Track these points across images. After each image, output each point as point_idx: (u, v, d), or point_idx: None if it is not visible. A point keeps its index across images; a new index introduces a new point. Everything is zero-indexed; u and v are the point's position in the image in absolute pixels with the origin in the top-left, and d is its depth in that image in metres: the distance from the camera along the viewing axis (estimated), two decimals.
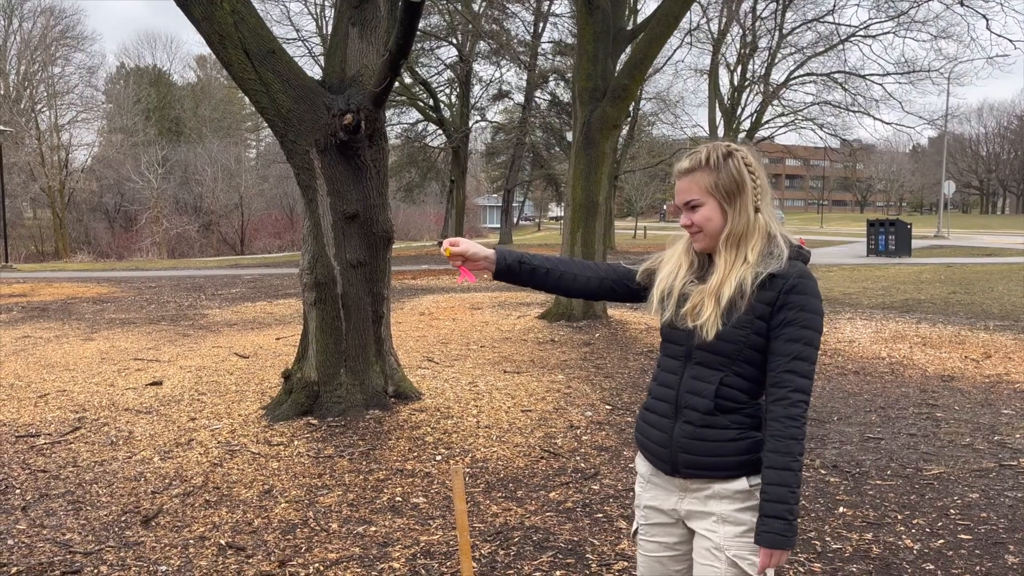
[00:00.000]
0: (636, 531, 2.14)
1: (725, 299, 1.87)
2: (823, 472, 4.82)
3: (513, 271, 2.14)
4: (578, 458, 5.13)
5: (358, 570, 3.58)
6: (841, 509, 4.22)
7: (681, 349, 1.97)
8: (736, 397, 1.91)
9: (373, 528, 4.04)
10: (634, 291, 2.17)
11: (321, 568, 3.61)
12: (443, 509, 4.29)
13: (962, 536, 3.86)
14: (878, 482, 4.63)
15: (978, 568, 3.52)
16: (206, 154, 45.05)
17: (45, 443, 5.55)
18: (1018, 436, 5.49)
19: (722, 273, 1.89)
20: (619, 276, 2.18)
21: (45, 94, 45.82)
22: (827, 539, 3.84)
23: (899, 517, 4.10)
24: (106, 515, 4.26)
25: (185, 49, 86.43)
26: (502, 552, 3.76)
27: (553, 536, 3.93)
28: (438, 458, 5.10)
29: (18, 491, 4.63)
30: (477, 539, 3.92)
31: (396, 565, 3.63)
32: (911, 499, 4.36)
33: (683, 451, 1.95)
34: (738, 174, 1.91)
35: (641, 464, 2.12)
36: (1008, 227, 50.32)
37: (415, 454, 5.16)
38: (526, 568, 3.58)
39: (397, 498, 4.44)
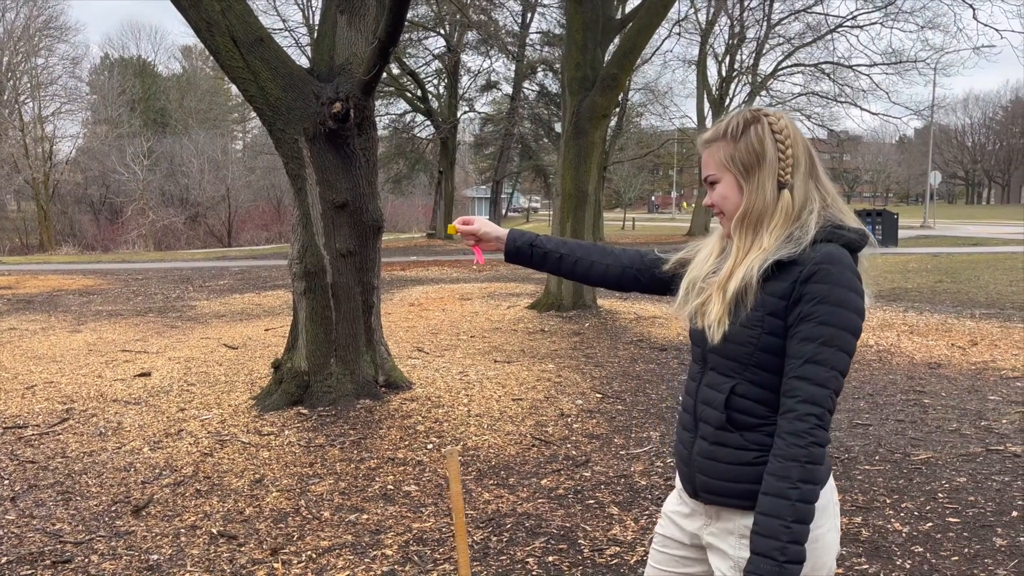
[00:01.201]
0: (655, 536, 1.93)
1: (731, 293, 1.61)
2: None
3: (524, 254, 1.99)
4: (569, 446, 5.14)
5: (351, 557, 3.58)
6: None
7: (700, 352, 1.74)
8: (753, 410, 1.62)
9: (365, 516, 4.04)
10: (662, 281, 1.95)
11: (313, 556, 3.61)
12: (435, 497, 4.29)
13: (950, 519, 3.89)
14: (867, 467, 4.67)
15: (966, 550, 3.55)
16: (192, 145, 44.71)
17: (33, 434, 5.51)
18: (1004, 422, 5.55)
19: (733, 262, 1.65)
20: (646, 265, 1.96)
21: (29, 85, 45.31)
22: None
23: (888, 501, 4.14)
24: (96, 505, 4.24)
25: (170, 40, 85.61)
26: (495, 539, 3.76)
27: (545, 522, 3.94)
28: (429, 446, 5.10)
29: (7, 482, 4.61)
30: (469, 526, 3.92)
31: (389, 552, 3.63)
32: (900, 483, 4.39)
33: (699, 471, 1.71)
34: (759, 143, 1.64)
35: (677, 476, 1.88)
36: (993, 217, 50.68)
37: (406, 443, 5.16)
38: (519, 554, 3.60)
39: (389, 486, 4.44)
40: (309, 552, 3.64)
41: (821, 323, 1.52)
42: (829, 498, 1.67)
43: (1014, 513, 3.94)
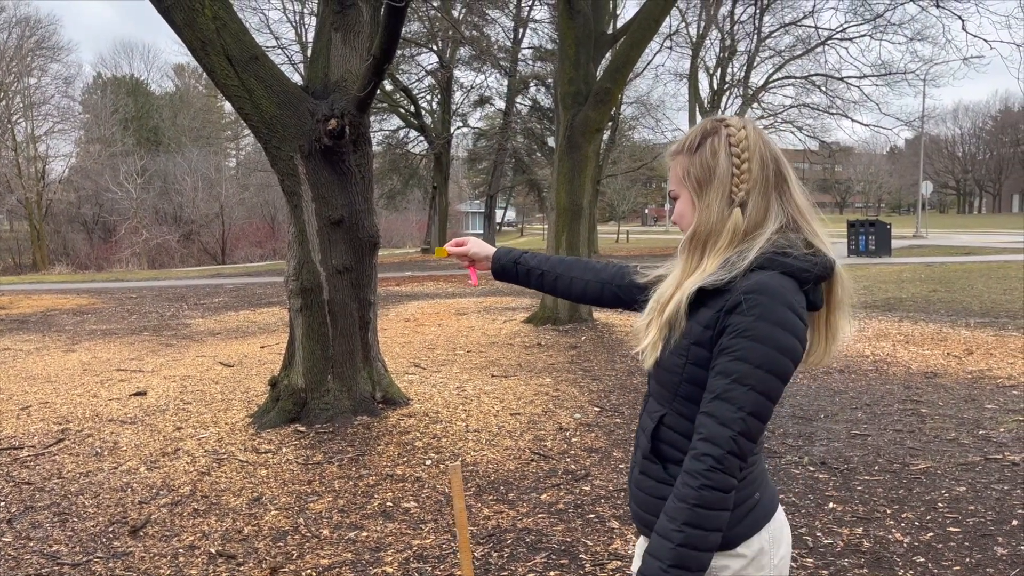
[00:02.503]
0: None
1: (665, 317, 1.52)
2: (811, 469, 4.84)
3: (509, 272, 1.97)
4: (568, 460, 5.13)
5: (351, 575, 3.56)
6: (831, 505, 4.25)
7: (648, 375, 1.65)
8: (678, 443, 1.53)
9: (365, 533, 4.02)
10: (640, 301, 1.80)
11: (313, 574, 3.58)
12: (435, 513, 4.27)
13: (951, 529, 3.89)
14: (866, 477, 4.66)
15: (968, 560, 3.55)
16: (185, 163, 44.74)
17: (29, 455, 5.48)
18: (1002, 430, 5.55)
19: (675, 285, 1.55)
20: (625, 281, 1.86)
21: (21, 105, 45.34)
22: (818, 534, 3.86)
23: (888, 511, 4.13)
24: (93, 526, 4.21)
25: (163, 58, 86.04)
26: (495, 554, 3.75)
27: (546, 537, 3.92)
28: (428, 462, 5.08)
29: (3, 504, 4.57)
30: (470, 542, 3.90)
31: (389, 569, 3.61)
32: (899, 493, 4.39)
33: (631, 499, 1.64)
34: (712, 157, 1.52)
35: None
36: (985, 226, 50.93)
37: (405, 459, 5.14)
38: (520, 569, 3.58)
39: (388, 503, 4.42)
40: (309, 571, 3.61)
41: (737, 358, 1.40)
42: (761, 548, 1.54)
43: (1014, 522, 3.94)
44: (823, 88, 33.72)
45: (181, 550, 3.88)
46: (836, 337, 1.61)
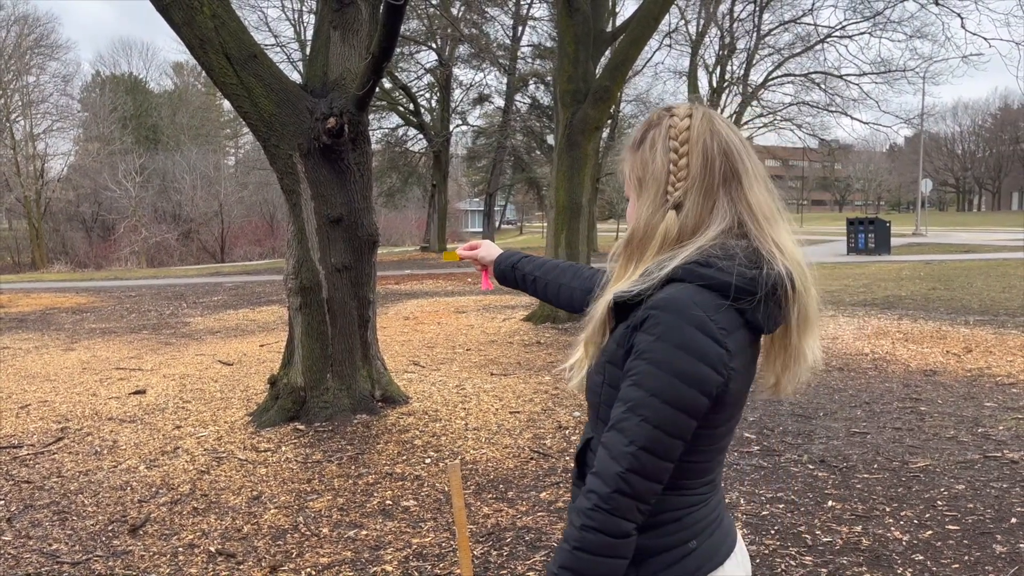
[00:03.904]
0: None
1: (587, 332, 1.40)
2: (811, 467, 4.85)
3: (508, 277, 1.92)
4: (568, 458, 5.13)
5: (350, 574, 3.56)
6: (830, 503, 4.25)
7: None
8: None
9: (364, 532, 4.02)
10: None
11: (313, 573, 3.58)
12: (434, 511, 4.27)
13: (950, 527, 3.90)
14: (865, 476, 4.67)
15: (967, 558, 3.55)
16: (184, 162, 44.71)
17: (28, 454, 5.48)
18: (1001, 428, 5.56)
19: (605, 297, 1.38)
20: None
21: (20, 103, 45.25)
22: (817, 532, 3.87)
23: (887, 509, 4.14)
24: (93, 525, 4.21)
25: (161, 56, 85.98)
26: (495, 553, 3.75)
27: (545, 536, 3.93)
28: (427, 461, 5.08)
29: (2, 503, 4.57)
30: (469, 541, 3.90)
31: (389, 568, 3.61)
32: (898, 492, 4.39)
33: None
34: (650, 152, 1.36)
35: None
36: (984, 224, 50.95)
37: (404, 457, 5.14)
38: (519, 568, 3.58)
39: (387, 501, 4.42)
40: (308, 569, 3.62)
41: (635, 383, 1.23)
42: None
43: (1013, 520, 3.94)
44: (822, 86, 33.75)
45: (181, 549, 3.88)
46: (798, 363, 1.38)
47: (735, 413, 1.36)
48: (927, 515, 4.05)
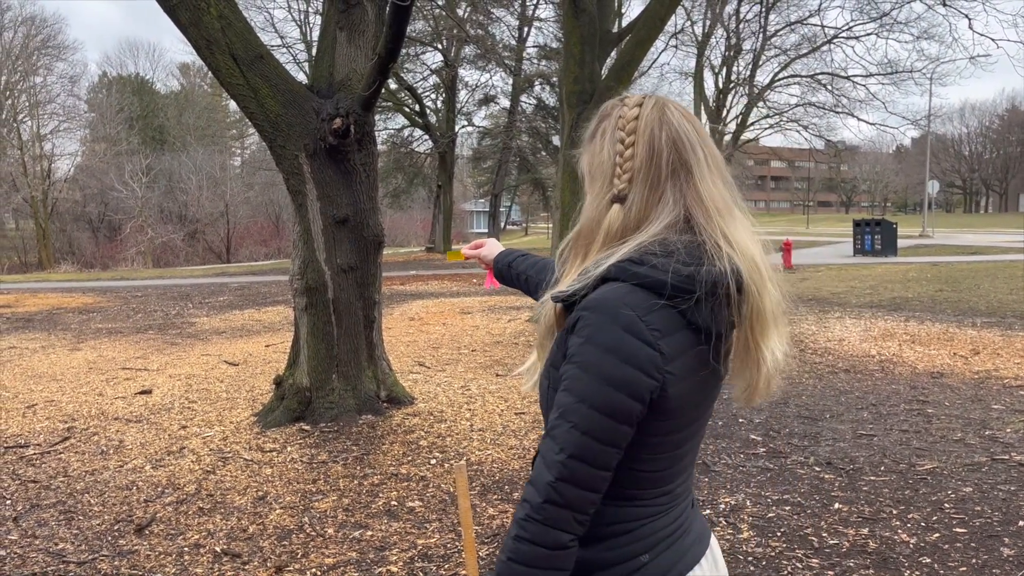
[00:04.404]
0: None
1: (539, 335, 1.34)
2: (817, 469, 4.83)
3: (504, 276, 1.90)
4: None
5: (356, 574, 3.56)
6: (836, 505, 4.23)
7: None
8: None
9: (369, 532, 4.02)
10: None
11: (318, 573, 3.58)
12: (439, 512, 4.27)
13: (957, 530, 3.88)
14: (872, 478, 4.65)
15: (974, 561, 3.54)
16: (190, 162, 44.84)
17: (35, 453, 5.49)
18: (1009, 430, 5.53)
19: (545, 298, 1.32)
20: None
21: (27, 104, 45.46)
22: (824, 535, 3.85)
23: (894, 512, 4.12)
24: (99, 524, 4.22)
25: (168, 57, 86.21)
26: None
27: None
28: (432, 462, 5.08)
29: (9, 502, 4.58)
30: (475, 541, 3.90)
31: (394, 569, 3.61)
32: (905, 494, 4.38)
33: None
34: (600, 143, 1.30)
35: None
36: (991, 225, 50.78)
37: (409, 458, 5.14)
38: None
39: (393, 502, 4.42)
40: (314, 570, 3.62)
41: (565, 388, 1.17)
42: None
43: (1021, 523, 3.92)
44: (829, 87, 33.67)
45: (186, 549, 3.89)
46: (759, 368, 1.27)
47: (688, 422, 1.26)
48: (934, 518, 4.03)
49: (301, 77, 23.66)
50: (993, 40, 21.89)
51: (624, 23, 23.28)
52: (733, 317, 1.22)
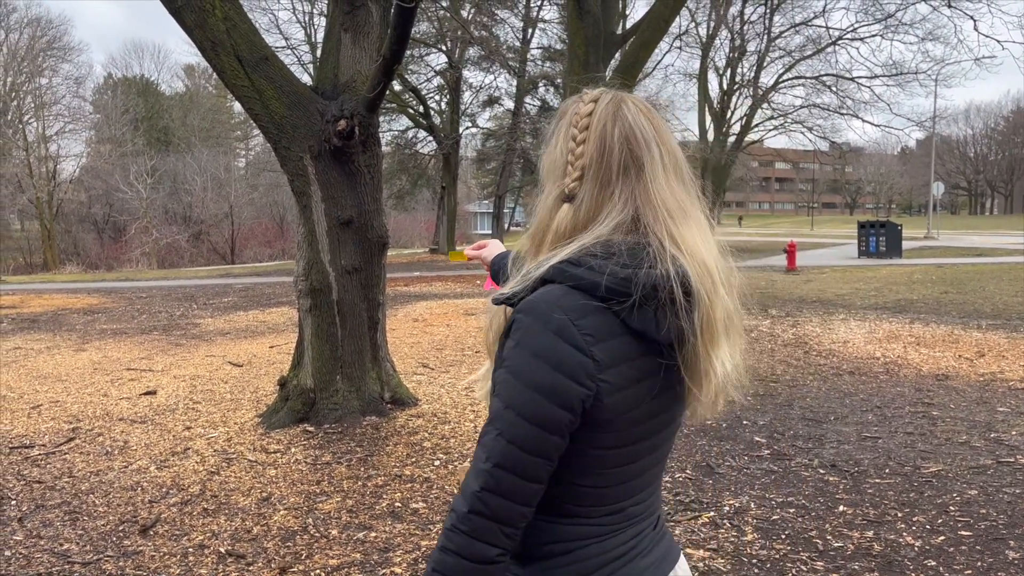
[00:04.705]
0: None
1: (488, 339, 1.27)
2: (822, 471, 4.82)
3: (500, 277, 1.88)
4: None
5: (360, 575, 3.56)
6: (841, 508, 4.22)
7: None
8: None
9: (373, 534, 4.02)
10: None
11: (322, 574, 3.58)
12: (444, 514, 4.27)
13: (962, 533, 3.87)
14: (877, 480, 4.64)
15: (979, 564, 3.52)
16: (195, 163, 44.96)
17: (40, 454, 5.50)
18: (1014, 433, 5.52)
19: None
20: None
21: (32, 105, 45.63)
22: (828, 538, 3.84)
23: (899, 515, 4.11)
24: (103, 525, 4.22)
25: (173, 59, 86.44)
26: None
27: None
28: (436, 463, 5.08)
29: (14, 502, 4.59)
30: None
31: (398, 570, 3.61)
32: (910, 497, 4.36)
33: None
34: (555, 142, 1.25)
35: None
36: (997, 227, 50.65)
37: (413, 459, 5.14)
38: None
39: (397, 503, 4.42)
40: (318, 571, 3.62)
41: (496, 394, 1.12)
42: None
43: None
44: (834, 88, 33.66)
45: (191, 549, 3.89)
46: (707, 379, 1.18)
47: (636, 437, 1.17)
48: (939, 520, 4.02)
49: (306, 79, 23.68)
50: (998, 41, 21.97)
51: (628, 25, 23.30)
52: (684, 324, 1.13)
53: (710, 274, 1.14)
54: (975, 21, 24.11)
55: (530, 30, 32.22)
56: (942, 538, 3.81)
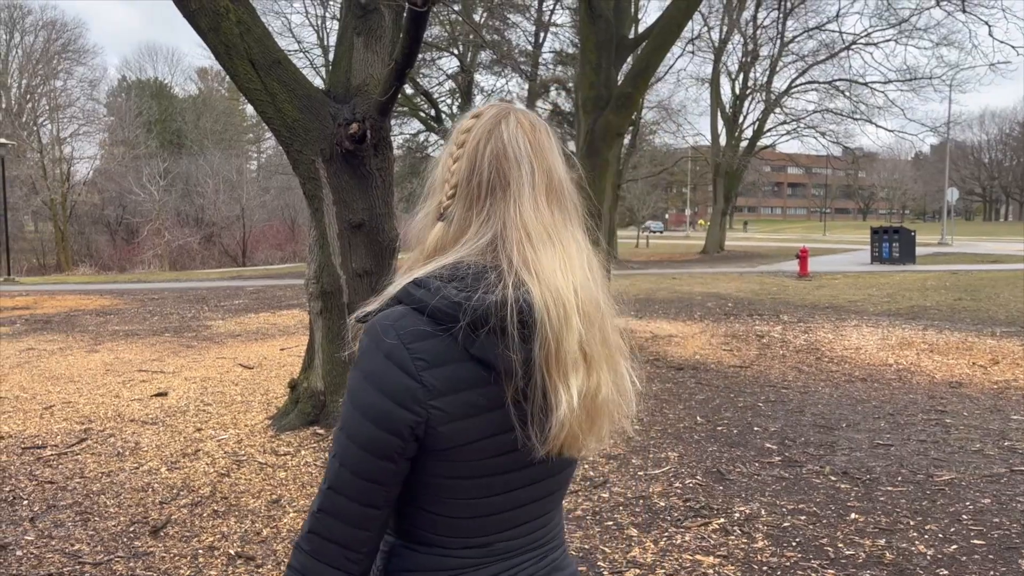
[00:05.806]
0: None
1: None
2: (833, 479, 4.79)
3: None
4: (586, 466, 5.11)
5: None
6: (853, 515, 4.20)
7: None
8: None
9: None
10: None
11: None
12: None
13: (975, 542, 3.83)
14: (889, 488, 4.61)
15: (992, 573, 3.49)
16: (207, 166, 45.17)
17: (52, 455, 5.53)
18: None
19: None
20: None
21: (47, 107, 46.01)
22: (840, 545, 3.82)
23: (911, 523, 4.08)
24: (114, 526, 4.24)
25: (186, 61, 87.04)
26: None
27: None
28: None
29: (26, 502, 4.62)
30: None
31: None
32: (923, 505, 4.33)
33: None
34: (439, 158, 1.22)
35: None
36: (1011, 234, 50.29)
37: None
38: None
39: None
40: None
41: (340, 413, 1.11)
42: None
43: None
44: (847, 93, 33.49)
45: (201, 551, 3.90)
46: (546, 413, 1.09)
47: (487, 470, 1.11)
48: (952, 529, 3.99)
49: (318, 82, 23.75)
50: (1013, 47, 21.86)
51: (640, 29, 23.28)
52: (513, 355, 1.05)
53: (562, 302, 1.07)
54: (990, 26, 23.97)
55: (542, 34, 32.26)
56: (955, 547, 3.78)
